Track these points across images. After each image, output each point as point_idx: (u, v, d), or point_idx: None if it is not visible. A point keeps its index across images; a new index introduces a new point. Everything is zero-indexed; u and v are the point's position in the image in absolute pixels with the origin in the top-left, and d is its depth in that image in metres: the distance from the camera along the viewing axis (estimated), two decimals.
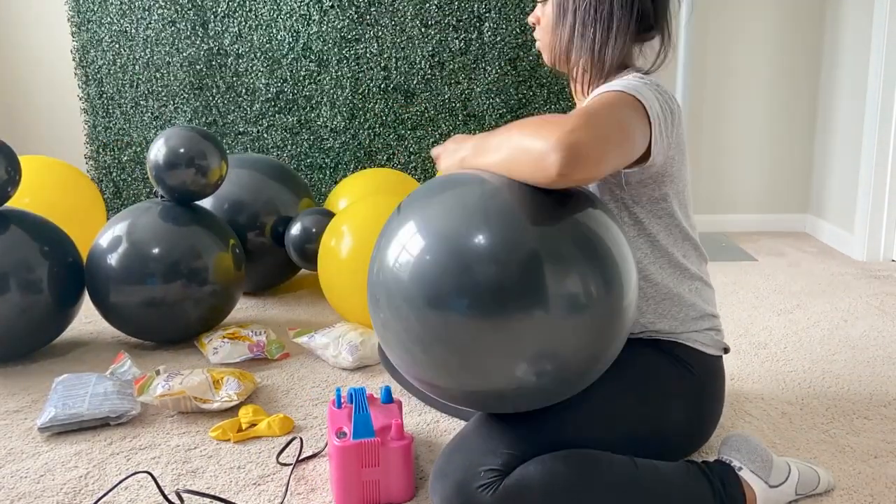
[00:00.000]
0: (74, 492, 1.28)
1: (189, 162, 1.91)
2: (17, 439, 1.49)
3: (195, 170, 1.92)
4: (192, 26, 2.90)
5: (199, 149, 1.92)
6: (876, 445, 1.40)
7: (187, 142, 1.92)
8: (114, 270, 1.85)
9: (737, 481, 1.15)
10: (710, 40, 3.12)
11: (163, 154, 1.90)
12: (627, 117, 1.05)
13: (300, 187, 2.40)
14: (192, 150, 1.91)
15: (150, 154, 1.93)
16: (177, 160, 1.90)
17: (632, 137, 1.05)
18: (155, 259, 1.85)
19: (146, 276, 1.85)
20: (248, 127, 2.98)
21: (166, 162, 1.90)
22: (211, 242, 1.94)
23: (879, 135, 2.69)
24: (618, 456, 1.11)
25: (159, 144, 1.92)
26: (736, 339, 1.98)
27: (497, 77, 2.91)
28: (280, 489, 1.28)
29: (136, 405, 1.57)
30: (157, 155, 1.91)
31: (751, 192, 3.28)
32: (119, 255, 1.85)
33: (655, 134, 1.09)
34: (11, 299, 1.77)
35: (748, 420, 1.51)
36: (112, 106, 2.98)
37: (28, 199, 2.29)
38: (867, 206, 2.76)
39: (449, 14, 2.86)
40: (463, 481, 1.05)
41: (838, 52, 2.99)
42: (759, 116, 3.21)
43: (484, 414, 1.16)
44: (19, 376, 1.82)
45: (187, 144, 1.91)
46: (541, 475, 1.05)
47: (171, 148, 1.90)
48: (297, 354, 1.91)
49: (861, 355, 1.85)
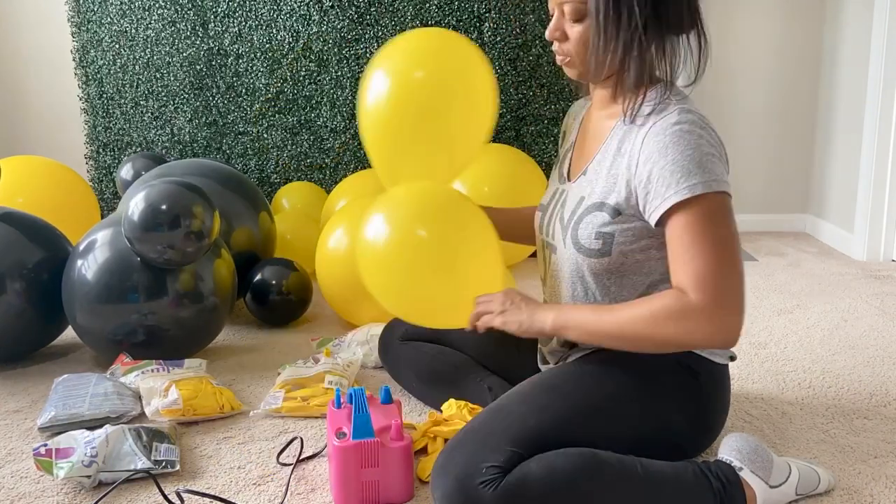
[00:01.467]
0: (74, 492, 1.28)
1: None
2: (17, 439, 1.49)
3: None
4: (192, 26, 2.91)
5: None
6: (876, 445, 1.40)
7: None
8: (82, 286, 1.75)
9: (737, 481, 1.15)
10: (711, 40, 3.12)
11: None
12: (727, 238, 1.08)
13: (256, 200, 2.24)
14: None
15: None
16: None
17: (735, 247, 1.10)
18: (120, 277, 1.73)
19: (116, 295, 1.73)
20: (248, 127, 2.98)
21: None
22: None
23: (879, 135, 2.69)
24: (619, 455, 1.11)
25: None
26: None
27: (497, 77, 2.91)
28: (280, 489, 1.28)
29: (137, 405, 1.57)
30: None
31: (751, 192, 3.28)
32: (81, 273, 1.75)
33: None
34: (10, 300, 1.77)
35: (748, 420, 1.51)
36: (112, 106, 2.98)
37: (21, 199, 2.29)
38: (867, 206, 2.76)
39: (449, 14, 2.86)
40: (464, 478, 1.05)
41: (838, 52, 2.99)
42: (759, 117, 3.21)
43: (486, 412, 1.16)
44: (19, 377, 1.82)
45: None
46: (542, 473, 1.05)
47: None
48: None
49: (861, 355, 1.85)
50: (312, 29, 2.89)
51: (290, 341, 2.03)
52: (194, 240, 1.73)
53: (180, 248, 1.71)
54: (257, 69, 2.93)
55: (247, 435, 1.49)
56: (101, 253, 1.75)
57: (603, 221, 1.18)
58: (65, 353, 1.96)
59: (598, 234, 1.18)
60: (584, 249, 1.20)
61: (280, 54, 2.92)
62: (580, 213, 1.21)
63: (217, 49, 2.92)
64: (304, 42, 2.90)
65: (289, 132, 2.98)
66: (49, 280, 1.81)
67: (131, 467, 1.30)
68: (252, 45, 2.91)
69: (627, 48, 1.13)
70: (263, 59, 2.92)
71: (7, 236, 1.80)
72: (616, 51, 1.14)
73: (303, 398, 1.56)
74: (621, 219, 1.17)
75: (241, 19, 2.89)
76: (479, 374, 1.48)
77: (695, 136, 1.10)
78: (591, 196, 1.21)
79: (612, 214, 1.17)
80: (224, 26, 2.90)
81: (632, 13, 1.11)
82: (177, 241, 1.70)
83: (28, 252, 1.81)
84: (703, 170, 1.08)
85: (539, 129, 2.95)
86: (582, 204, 1.22)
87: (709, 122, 1.14)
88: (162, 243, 1.70)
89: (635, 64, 1.14)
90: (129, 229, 1.70)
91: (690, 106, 1.15)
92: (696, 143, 1.09)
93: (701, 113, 1.15)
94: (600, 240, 1.18)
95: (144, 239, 1.69)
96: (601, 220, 1.18)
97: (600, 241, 1.18)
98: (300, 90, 2.94)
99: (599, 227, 1.18)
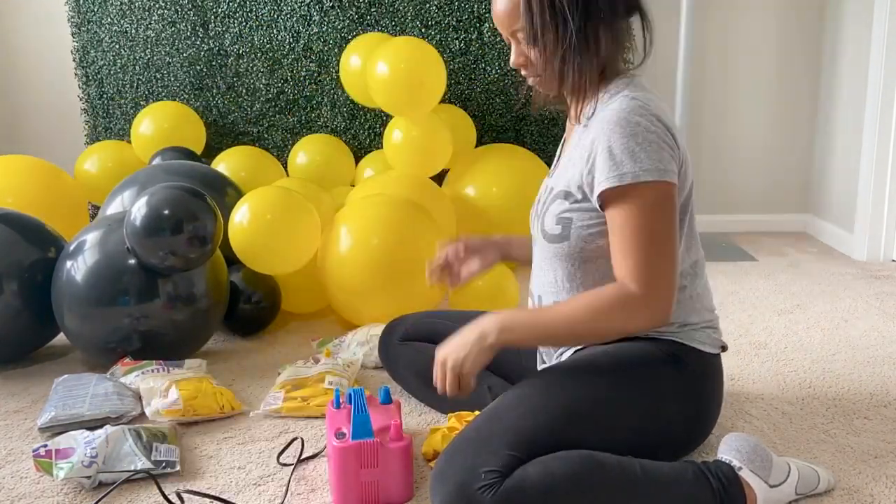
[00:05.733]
0: (74, 492, 1.28)
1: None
2: (17, 439, 1.49)
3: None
4: (193, 27, 2.91)
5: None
6: (876, 445, 1.40)
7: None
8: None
9: (737, 481, 1.15)
10: (711, 40, 3.12)
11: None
12: (660, 231, 1.14)
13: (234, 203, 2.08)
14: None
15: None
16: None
17: (675, 234, 1.17)
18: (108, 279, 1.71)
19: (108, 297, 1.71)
20: (248, 127, 2.98)
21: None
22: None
23: (879, 135, 2.69)
24: (618, 457, 1.12)
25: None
26: (736, 339, 1.98)
27: (497, 77, 2.91)
28: (280, 489, 1.28)
29: (137, 406, 1.57)
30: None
31: (751, 193, 3.27)
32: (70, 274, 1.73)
33: (677, 181, 1.17)
34: (7, 300, 1.77)
35: (748, 420, 1.51)
36: (112, 106, 2.98)
37: (11, 200, 2.29)
38: (867, 206, 2.75)
39: (449, 14, 2.86)
40: (463, 482, 1.05)
41: (838, 52, 2.99)
42: (759, 116, 3.21)
43: (484, 415, 1.16)
44: (19, 377, 1.82)
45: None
46: (541, 476, 1.05)
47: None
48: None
49: (861, 355, 1.85)
50: (313, 29, 2.89)
51: (290, 341, 2.03)
52: (197, 245, 1.71)
53: (183, 253, 1.70)
54: (258, 69, 2.93)
55: (247, 435, 1.49)
56: (90, 255, 1.73)
57: (563, 208, 1.23)
58: (64, 353, 1.96)
59: (559, 220, 1.23)
60: (549, 236, 1.25)
61: (280, 55, 2.92)
62: (547, 201, 1.27)
63: (217, 49, 2.92)
64: (304, 42, 2.90)
65: (289, 132, 2.98)
66: (46, 280, 1.81)
67: (131, 468, 1.30)
68: (252, 46, 2.91)
69: (576, 52, 1.17)
70: (264, 60, 2.92)
71: (4, 237, 1.80)
72: (569, 57, 1.17)
73: (303, 398, 1.56)
74: (578, 205, 1.21)
75: (241, 20, 2.89)
76: (479, 375, 1.48)
77: (632, 123, 1.14)
78: (556, 186, 1.26)
79: (570, 200, 1.22)
80: (224, 27, 2.90)
81: (566, 19, 1.15)
82: (179, 247, 1.69)
83: (24, 252, 1.81)
84: (634, 159, 1.13)
85: (539, 129, 2.95)
86: (550, 194, 1.27)
87: (654, 108, 1.17)
88: (164, 249, 1.68)
89: (578, 65, 1.18)
90: (131, 234, 1.68)
91: (637, 93, 1.18)
92: (631, 132, 1.14)
93: (650, 98, 1.18)
94: (560, 225, 1.23)
95: (146, 244, 1.68)
96: (561, 206, 1.23)
97: (560, 227, 1.23)
98: (300, 90, 2.94)
99: (559, 213, 1.23)
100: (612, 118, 1.16)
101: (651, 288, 1.13)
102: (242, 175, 2.53)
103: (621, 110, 1.16)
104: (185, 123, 2.79)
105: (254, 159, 2.66)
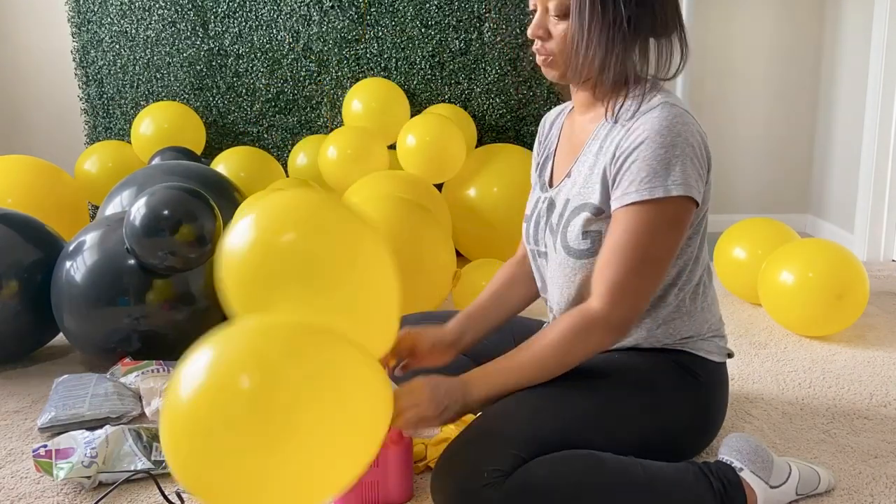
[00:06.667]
0: (74, 492, 1.28)
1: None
2: (17, 439, 1.49)
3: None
4: (193, 27, 2.91)
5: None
6: (876, 445, 1.40)
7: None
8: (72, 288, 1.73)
9: (738, 482, 1.15)
10: (710, 40, 3.12)
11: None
12: (664, 248, 1.12)
13: (233, 204, 2.08)
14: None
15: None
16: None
17: (670, 258, 1.14)
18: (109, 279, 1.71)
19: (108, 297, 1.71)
20: (248, 127, 2.98)
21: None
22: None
23: (879, 135, 2.69)
24: (620, 457, 1.11)
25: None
26: (736, 339, 1.97)
27: (497, 77, 2.91)
28: None
29: (137, 406, 1.57)
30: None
31: (751, 192, 3.28)
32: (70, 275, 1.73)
33: (700, 197, 1.14)
34: (7, 300, 1.77)
35: (749, 420, 1.51)
36: (112, 106, 2.98)
37: (11, 200, 2.29)
38: (867, 206, 2.75)
39: (449, 14, 2.86)
40: (466, 481, 1.05)
41: (838, 52, 2.99)
42: (759, 117, 3.21)
43: (486, 415, 1.15)
44: (19, 377, 1.82)
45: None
46: (544, 476, 1.05)
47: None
48: None
49: (861, 355, 1.85)
50: (313, 29, 2.89)
51: None
52: (197, 246, 1.71)
53: (182, 254, 1.70)
54: (257, 69, 2.93)
55: None
56: (90, 255, 1.73)
57: (588, 220, 1.17)
58: (64, 353, 1.96)
59: (586, 234, 1.18)
60: (574, 251, 1.19)
61: (280, 55, 2.92)
62: (567, 215, 1.21)
63: (217, 49, 2.92)
64: (304, 42, 2.90)
65: (289, 132, 2.98)
66: (46, 280, 1.81)
67: (131, 468, 1.30)
68: (252, 46, 2.91)
69: (610, 47, 1.11)
70: (263, 60, 2.92)
71: (4, 236, 1.80)
72: (599, 49, 1.11)
73: None
74: (605, 216, 1.16)
75: (241, 20, 2.89)
76: (459, 363, 1.47)
77: (673, 133, 1.09)
78: (576, 197, 1.20)
79: (595, 213, 1.17)
80: (224, 27, 2.90)
81: (617, 11, 1.09)
82: (179, 247, 1.69)
83: (24, 252, 1.81)
84: (668, 172, 1.09)
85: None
86: (568, 206, 1.21)
87: (690, 119, 1.13)
88: (164, 249, 1.68)
89: (616, 64, 1.12)
90: (131, 234, 1.68)
91: (674, 100, 1.14)
92: (672, 142, 1.09)
93: (684, 108, 1.14)
94: (588, 239, 1.18)
95: (146, 244, 1.67)
96: (586, 219, 1.17)
97: (588, 241, 1.18)
98: (300, 90, 2.94)
99: (585, 227, 1.17)
100: (655, 126, 1.10)
101: (616, 307, 1.11)
102: (242, 175, 2.53)
103: (663, 118, 1.10)
104: (185, 123, 2.79)
105: (253, 159, 2.66)
